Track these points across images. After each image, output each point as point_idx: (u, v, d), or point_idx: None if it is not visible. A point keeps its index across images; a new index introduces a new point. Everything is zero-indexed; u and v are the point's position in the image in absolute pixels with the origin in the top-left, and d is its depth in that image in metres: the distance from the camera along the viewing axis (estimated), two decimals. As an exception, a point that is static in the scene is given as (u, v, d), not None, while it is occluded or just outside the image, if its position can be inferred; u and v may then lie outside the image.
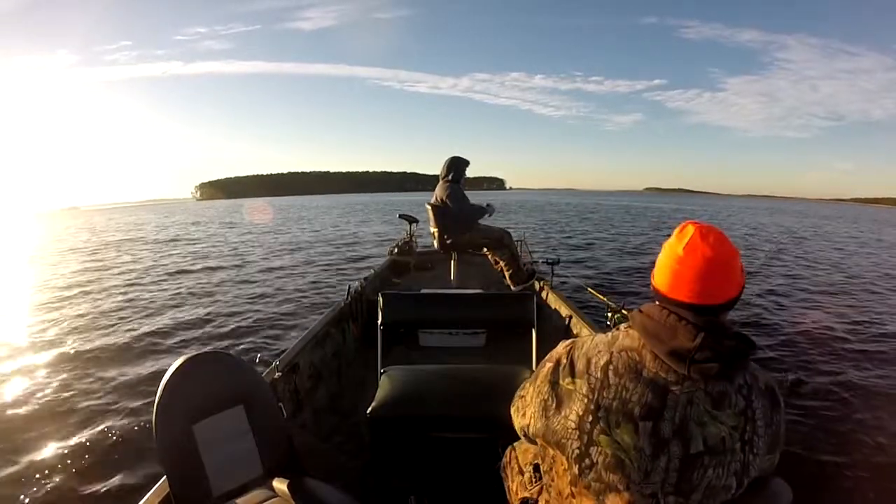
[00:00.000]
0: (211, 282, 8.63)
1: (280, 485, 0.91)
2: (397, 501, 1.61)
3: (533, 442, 0.97)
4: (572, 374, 0.82)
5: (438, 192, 3.87)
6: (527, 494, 1.04)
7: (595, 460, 0.78)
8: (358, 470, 1.91)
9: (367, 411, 1.64)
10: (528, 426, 0.90)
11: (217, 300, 7.06)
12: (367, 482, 1.79)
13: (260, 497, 0.96)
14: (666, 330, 0.75)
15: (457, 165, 3.85)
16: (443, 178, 3.89)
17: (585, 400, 0.79)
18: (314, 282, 8.29)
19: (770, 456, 0.80)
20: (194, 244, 15.41)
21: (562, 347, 0.89)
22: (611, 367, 0.79)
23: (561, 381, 0.83)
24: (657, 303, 0.81)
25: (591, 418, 0.78)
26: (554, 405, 0.83)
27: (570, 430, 0.80)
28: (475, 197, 4.19)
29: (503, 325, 2.28)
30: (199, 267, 10.33)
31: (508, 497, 1.15)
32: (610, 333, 0.86)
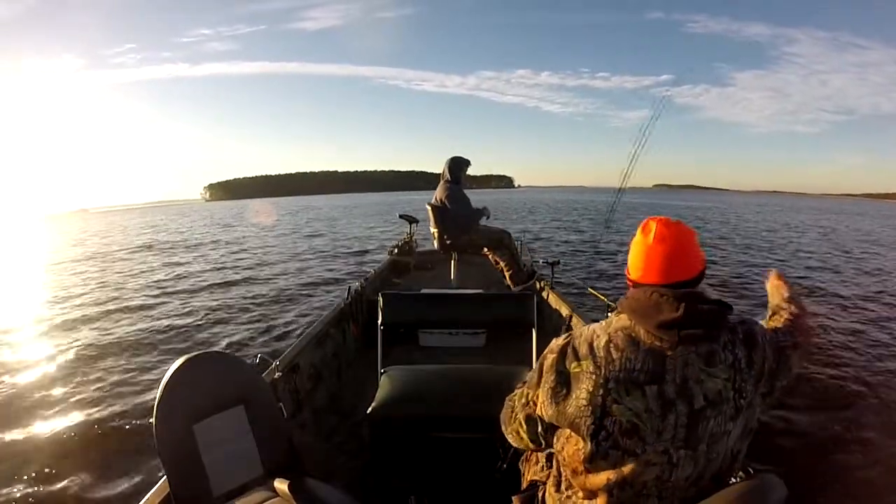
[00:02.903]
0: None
1: (280, 485, 0.91)
2: (397, 501, 1.61)
3: (537, 445, 1.02)
4: (577, 358, 0.90)
5: (438, 192, 3.88)
6: (536, 478, 1.11)
7: (611, 430, 0.85)
8: (358, 470, 1.91)
9: (367, 411, 1.64)
10: (542, 416, 0.96)
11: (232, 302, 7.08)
12: (367, 482, 1.79)
13: (260, 497, 0.96)
14: (651, 307, 0.85)
15: (456, 166, 3.86)
16: (443, 179, 3.90)
17: (594, 376, 0.86)
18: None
19: (756, 389, 0.88)
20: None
21: (561, 340, 0.96)
22: (611, 344, 0.87)
23: (567, 367, 0.90)
24: (643, 287, 0.91)
25: (601, 391, 0.85)
26: (564, 391, 0.90)
27: (582, 408, 0.87)
28: (483, 196, 4.21)
29: (503, 325, 2.28)
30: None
31: (522, 483, 1.19)
32: (603, 321, 0.95)
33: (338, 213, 32.87)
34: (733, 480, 1.17)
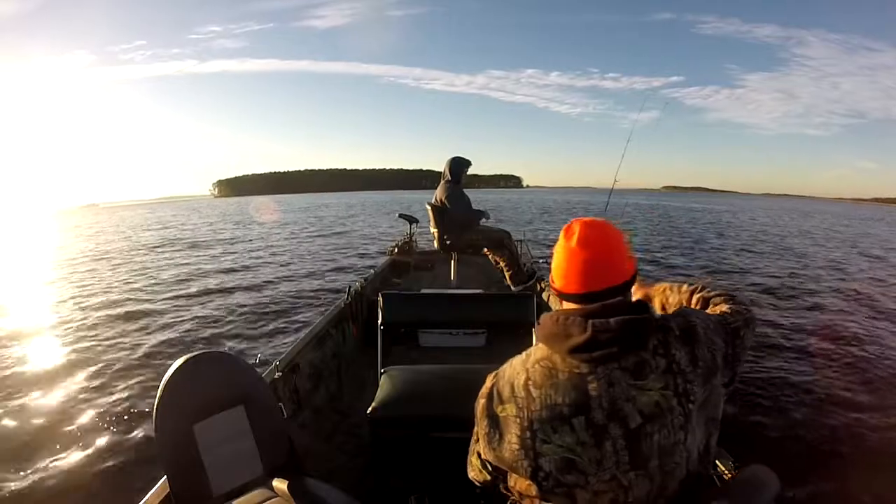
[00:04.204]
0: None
1: (280, 485, 0.91)
2: (397, 501, 1.61)
3: (494, 480, 0.97)
4: (501, 401, 0.86)
5: (438, 192, 3.88)
6: (515, 499, 1.05)
7: (548, 470, 0.80)
8: (358, 470, 1.91)
9: (367, 411, 1.64)
10: (487, 459, 0.92)
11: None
12: (367, 482, 1.79)
13: (260, 497, 0.96)
14: (560, 332, 0.80)
15: (456, 166, 3.86)
16: (443, 179, 3.90)
17: (518, 419, 0.82)
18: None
19: (708, 385, 0.80)
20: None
21: (489, 381, 0.93)
22: (530, 382, 0.82)
23: (496, 411, 0.87)
24: (552, 311, 0.86)
25: (529, 434, 0.81)
26: (497, 436, 0.86)
27: (516, 453, 0.83)
28: (492, 195, 4.22)
29: (503, 325, 2.27)
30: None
31: (511, 491, 1.15)
32: (525, 353, 0.90)
33: (346, 211, 32.70)
34: (728, 475, 1.16)
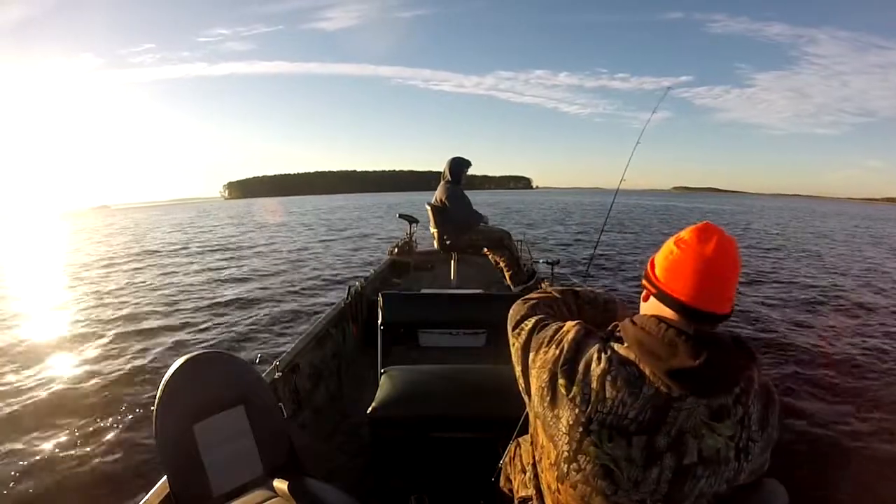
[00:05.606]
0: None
1: (280, 485, 0.92)
2: (397, 501, 1.61)
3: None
4: (569, 376, 0.78)
5: (438, 193, 3.87)
6: (524, 494, 1.03)
7: (583, 466, 0.77)
8: (358, 470, 1.92)
9: (367, 411, 1.64)
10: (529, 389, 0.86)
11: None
12: (367, 482, 1.79)
13: (260, 497, 0.96)
14: (664, 346, 0.72)
15: (456, 166, 3.85)
16: (443, 180, 3.89)
17: (577, 410, 0.76)
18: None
19: (764, 455, 0.79)
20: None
21: (573, 332, 0.82)
22: (608, 377, 0.75)
23: (558, 379, 0.79)
24: (650, 314, 0.78)
25: (581, 429, 0.76)
26: (549, 398, 0.80)
27: (561, 433, 0.79)
28: (501, 197, 4.21)
29: (503, 325, 2.27)
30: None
31: (513, 493, 1.14)
32: (600, 337, 0.82)
33: (354, 214, 32.44)
34: None
